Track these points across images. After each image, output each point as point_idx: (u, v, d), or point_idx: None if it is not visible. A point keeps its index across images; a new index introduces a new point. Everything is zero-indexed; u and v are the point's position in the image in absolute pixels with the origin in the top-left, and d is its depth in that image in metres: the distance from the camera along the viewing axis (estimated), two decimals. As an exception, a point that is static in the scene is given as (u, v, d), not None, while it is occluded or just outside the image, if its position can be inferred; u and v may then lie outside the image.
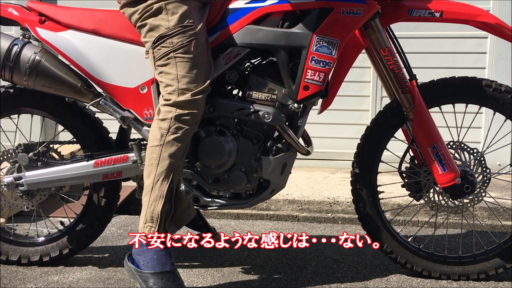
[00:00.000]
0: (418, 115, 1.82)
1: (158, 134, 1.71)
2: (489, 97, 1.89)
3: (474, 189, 1.90)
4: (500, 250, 1.98)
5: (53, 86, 1.87)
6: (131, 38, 1.83)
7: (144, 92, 1.81)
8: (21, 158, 1.98)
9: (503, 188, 3.05)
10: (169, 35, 1.70)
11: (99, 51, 1.82)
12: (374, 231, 2.00)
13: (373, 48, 1.84)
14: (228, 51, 1.78)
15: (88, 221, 2.08)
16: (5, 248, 2.09)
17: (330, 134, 3.88)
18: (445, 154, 1.83)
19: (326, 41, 1.69)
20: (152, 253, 1.72)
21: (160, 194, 1.72)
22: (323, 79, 1.71)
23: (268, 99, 1.78)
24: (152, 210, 1.73)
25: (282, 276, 2.04)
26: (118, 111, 1.85)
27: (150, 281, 1.70)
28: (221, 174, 1.88)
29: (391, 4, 1.80)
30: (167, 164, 1.72)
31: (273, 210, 2.91)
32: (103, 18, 1.86)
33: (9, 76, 1.87)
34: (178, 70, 1.70)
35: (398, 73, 1.83)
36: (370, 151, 1.97)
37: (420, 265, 2.00)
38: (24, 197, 2.02)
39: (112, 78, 1.82)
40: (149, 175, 1.74)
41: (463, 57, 3.72)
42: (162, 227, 1.76)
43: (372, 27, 1.79)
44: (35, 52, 1.85)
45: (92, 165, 1.92)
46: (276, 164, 1.84)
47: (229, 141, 1.84)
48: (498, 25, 1.79)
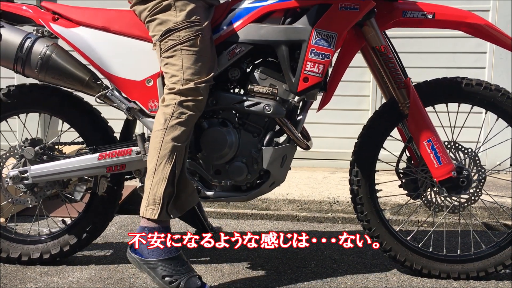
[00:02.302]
0: (414, 109, 1.88)
1: (162, 119, 1.77)
2: (481, 96, 1.94)
3: (470, 184, 1.93)
4: (498, 248, 2.00)
5: (63, 78, 1.94)
6: (138, 34, 1.92)
7: (150, 85, 1.88)
8: (27, 152, 2.02)
9: (503, 188, 3.06)
10: (177, 29, 1.78)
11: (108, 46, 1.91)
12: (373, 229, 2.02)
13: (370, 46, 1.90)
14: (231, 48, 1.85)
15: (90, 219, 2.10)
16: (6, 245, 2.10)
17: (330, 133, 3.88)
18: (440, 148, 1.88)
19: (325, 34, 1.77)
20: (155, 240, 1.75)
21: (162, 176, 1.75)
22: (322, 70, 1.78)
23: (269, 92, 1.85)
24: (154, 192, 1.76)
25: (282, 276, 2.04)
26: (124, 102, 1.92)
27: (158, 268, 1.73)
28: (222, 166, 1.93)
29: (386, 5, 1.88)
30: (170, 147, 1.75)
31: (273, 210, 2.91)
32: (113, 16, 1.96)
33: (21, 69, 1.94)
34: (184, 62, 1.77)
35: (393, 68, 1.89)
36: (367, 149, 2.00)
37: (420, 263, 2.01)
38: (28, 192, 2.05)
39: (120, 71, 1.90)
40: (152, 159, 1.78)
41: (463, 57, 3.72)
42: (164, 211, 1.78)
43: (368, 25, 1.86)
44: (47, 45, 1.93)
45: (97, 158, 1.97)
46: (276, 156, 1.88)
47: (231, 132, 1.90)
48: (487, 26, 1.88)
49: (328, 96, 2.00)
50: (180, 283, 1.73)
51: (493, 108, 1.97)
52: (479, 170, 1.98)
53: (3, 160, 2.08)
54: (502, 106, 1.95)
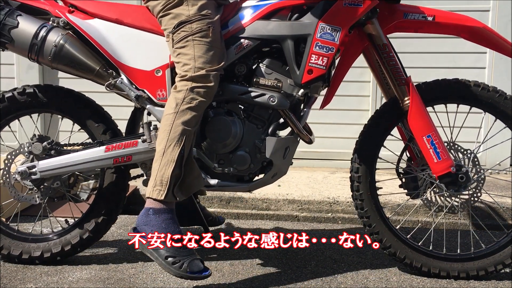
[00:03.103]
0: (414, 105, 1.91)
1: (174, 103, 1.84)
2: (479, 97, 1.98)
3: (469, 180, 1.95)
4: (498, 247, 2.01)
5: (75, 66, 2.01)
6: (150, 28, 2.01)
7: (159, 75, 1.97)
8: (35, 147, 2.06)
9: (503, 188, 3.06)
10: (189, 21, 1.87)
11: (120, 37, 2.00)
12: (373, 225, 2.03)
13: (372, 45, 1.96)
14: (239, 43, 1.93)
15: (93, 219, 2.12)
16: (7, 243, 2.12)
17: (330, 133, 3.89)
18: (439, 143, 1.91)
19: (329, 28, 1.85)
20: (160, 221, 1.79)
21: (171, 158, 1.80)
22: (326, 63, 1.85)
23: (274, 85, 1.92)
24: (162, 174, 1.80)
25: (282, 276, 2.04)
26: (133, 90, 1.99)
27: (161, 250, 1.76)
28: (226, 155, 1.99)
29: (388, 7, 1.95)
30: (180, 130, 1.81)
31: (273, 210, 2.91)
32: (126, 10, 2.06)
33: (35, 57, 2.01)
34: (195, 51, 1.85)
35: (394, 66, 1.95)
36: (368, 147, 2.03)
37: (420, 260, 2.01)
38: (34, 189, 2.08)
39: (131, 60, 1.99)
40: (161, 142, 1.83)
41: (463, 57, 3.73)
42: (171, 192, 1.82)
43: (371, 24, 1.94)
44: (61, 34, 2.00)
45: (104, 150, 2.02)
46: (279, 146, 1.94)
47: (236, 122, 1.97)
48: (487, 30, 1.93)
49: (330, 93, 2.06)
50: (183, 264, 1.76)
51: (491, 109, 1.99)
52: (478, 171, 1.99)
53: (12, 157, 2.11)
54: (499, 107, 1.98)
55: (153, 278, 2.00)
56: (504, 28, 3.66)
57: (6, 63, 4.18)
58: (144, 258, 2.19)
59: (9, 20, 1.97)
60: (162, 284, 1.95)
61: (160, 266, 1.82)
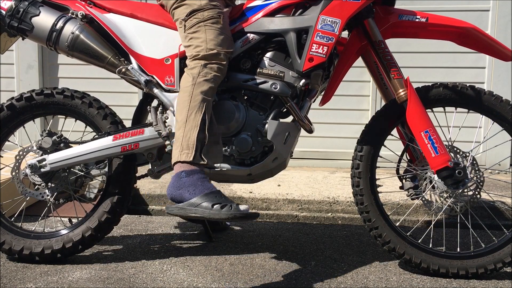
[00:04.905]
0: (412, 102, 1.96)
1: (190, 77, 1.93)
2: (476, 101, 2.04)
3: (467, 176, 1.97)
4: (498, 245, 2.02)
5: (89, 54, 2.14)
6: (161, 22, 2.15)
7: (168, 63, 2.09)
8: (45, 141, 2.16)
9: (503, 188, 3.06)
10: (201, 9, 1.99)
11: (134, 29, 2.16)
12: (373, 220, 2.06)
13: (369, 42, 2.05)
14: (245, 37, 2.05)
15: (96, 219, 2.16)
16: (9, 238, 2.15)
17: (330, 133, 3.89)
18: (437, 138, 1.95)
19: (329, 20, 1.97)
20: (195, 180, 1.81)
21: (194, 124, 1.87)
22: (326, 51, 1.96)
23: (277, 74, 2.02)
24: (187, 138, 1.86)
25: (282, 276, 2.04)
26: (143, 75, 2.10)
27: (204, 202, 1.76)
28: (228, 138, 2.07)
29: (384, 9, 2.08)
30: (200, 99, 1.89)
31: (273, 210, 2.91)
32: (140, 6, 2.22)
33: (53, 45, 2.14)
34: (207, 35, 1.96)
35: (390, 60, 2.04)
36: (369, 145, 2.07)
37: (419, 257, 2.03)
38: (42, 185, 2.14)
39: (143, 49, 2.13)
40: (182, 111, 1.89)
41: (463, 57, 3.72)
42: (199, 154, 1.85)
43: (368, 23, 2.04)
44: (79, 24, 2.14)
45: (111, 139, 2.12)
46: (281, 130, 2.03)
47: (240, 107, 2.06)
48: (480, 32, 2.01)
49: (331, 91, 2.13)
50: (231, 206, 1.75)
51: (488, 112, 2.05)
52: (477, 173, 2.02)
53: (24, 153, 2.17)
54: (496, 109, 2.04)
55: (153, 278, 2.00)
56: (504, 28, 3.66)
57: (6, 63, 4.18)
58: (144, 258, 2.19)
59: (32, 9, 2.12)
60: (162, 284, 1.95)
61: (209, 217, 1.75)
